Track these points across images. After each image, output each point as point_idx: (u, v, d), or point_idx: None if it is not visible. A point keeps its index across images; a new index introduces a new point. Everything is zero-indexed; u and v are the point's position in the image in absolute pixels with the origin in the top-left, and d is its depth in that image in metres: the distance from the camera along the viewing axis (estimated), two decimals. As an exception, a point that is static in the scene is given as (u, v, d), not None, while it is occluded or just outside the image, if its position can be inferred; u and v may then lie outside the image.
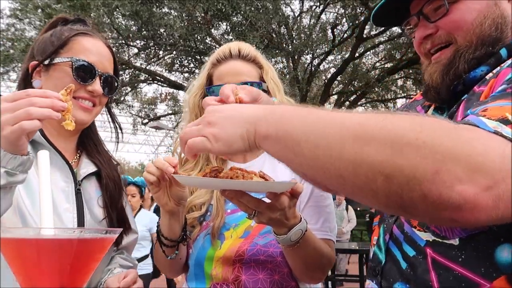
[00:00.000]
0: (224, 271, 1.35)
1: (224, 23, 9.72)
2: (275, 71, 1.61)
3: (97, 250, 0.68)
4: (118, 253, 1.49)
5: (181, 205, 1.29)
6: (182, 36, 8.90)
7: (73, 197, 1.31)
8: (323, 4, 10.35)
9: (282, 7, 9.72)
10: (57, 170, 1.30)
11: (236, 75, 1.49)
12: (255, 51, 1.58)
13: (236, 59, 1.52)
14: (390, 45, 11.89)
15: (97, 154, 1.45)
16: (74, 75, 1.29)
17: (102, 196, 1.40)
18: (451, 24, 1.02)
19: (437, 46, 1.06)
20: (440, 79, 1.04)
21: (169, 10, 9.20)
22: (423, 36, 1.07)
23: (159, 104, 14.58)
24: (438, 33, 1.05)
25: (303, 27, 10.24)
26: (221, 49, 1.56)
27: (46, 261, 0.62)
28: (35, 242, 0.63)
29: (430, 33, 1.06)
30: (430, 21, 1.06)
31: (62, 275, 0.62)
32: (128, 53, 10.71)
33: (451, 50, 1.03)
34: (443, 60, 1.05)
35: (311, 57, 11.13)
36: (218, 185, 1.08)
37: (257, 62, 1.55)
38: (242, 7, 8.44)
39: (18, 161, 0.98)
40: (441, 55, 1.06)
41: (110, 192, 1.41)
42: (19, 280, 0.63)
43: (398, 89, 13.57)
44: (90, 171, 1.39)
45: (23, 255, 0.62)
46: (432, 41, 1.07)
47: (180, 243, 1.35)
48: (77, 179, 1.34)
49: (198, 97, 1.54)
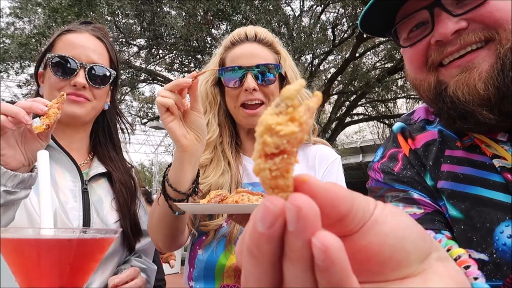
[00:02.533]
0: (236, 275, 1.32)
1: (224, 23, 9.71)
2: (292, 60, 1.52)
3: (97, 251, 0.68)
4: (135, 256, 1.49)
5: (200, 141, 1.14)
6: (183, 36, 8.89)
7: (79, 196, 1.32)
8: (323, 4, 10.35)
9: (282, 7, 9.72)
10: (65, 170, 1.33)
11: (251, 57, 1.38)
12: (272, 36, 1.49)
13: (252, 42, 1.43)
14: (390, 45, 11.87)
15: (108, 160, 1.45)
16: (52, 71, 1.30)
17: (115, 199, 1.41)
18: (494, 14, 0.75)
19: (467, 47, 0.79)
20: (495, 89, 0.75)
21: (170, 10, 9.20)
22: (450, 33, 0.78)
23: (159, 103, 14.57)
24: (470, 27, 0.78)
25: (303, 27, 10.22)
26: (236, 32, 1.46)
27: (46, 261, 0.61)
28: (35, 242, 0.63)
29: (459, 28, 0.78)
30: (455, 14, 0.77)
31: (62, 275, 0.62)
32: (128, 53, 10.71)
33: (492, 51, 0.77)
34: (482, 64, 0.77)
35: (311, 57, 11.12)
36: (222, 210, 1.06)
37: (274, 47, 1.46)
38: (242, 7, 8.44)
39: (18, 178, 0.97)
40: (474, 59, 0.78)
41: (123, 196, 1.41)
42: (19, 280, 0.63)
43: (398, 89, 13.56)
44: (99, 171, 1.40)
45: (23, 255, 0.62)
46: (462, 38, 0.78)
47: (190, 196, 1.17)
48: (84, 179, 1.36)
49: (210, 83, 1.47)
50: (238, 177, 1.44)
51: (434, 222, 0.87)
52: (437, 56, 0.83)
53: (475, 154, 0.85)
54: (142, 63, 11.13)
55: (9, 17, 9.82)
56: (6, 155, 0.95)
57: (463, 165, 0.86)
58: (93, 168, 1.41)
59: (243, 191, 1.00)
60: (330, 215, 0.30)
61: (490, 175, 0.82)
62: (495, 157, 0.82)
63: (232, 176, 1.41)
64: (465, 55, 0.79)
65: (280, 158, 0.29)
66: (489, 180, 0.82)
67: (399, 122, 1.07)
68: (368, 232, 0.31)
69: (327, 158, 1.48)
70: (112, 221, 1.37)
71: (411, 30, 0.89)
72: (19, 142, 0.98)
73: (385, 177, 0.98)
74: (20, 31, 9.62)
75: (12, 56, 9.15)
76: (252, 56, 1.39)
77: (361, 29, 0.97)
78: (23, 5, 9.26)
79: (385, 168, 0.99)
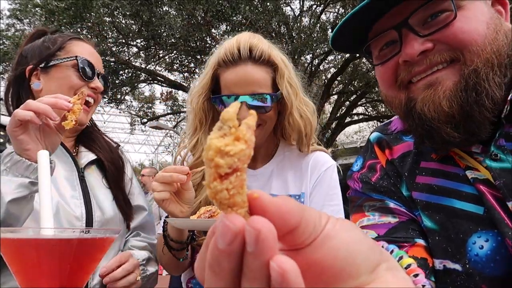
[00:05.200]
0: None
1: (224, 24, 9.72)
2: (291, 69, 1.42)
3: (97, 250, 0.68)
4: (133, 235, 1.52)
5: (191, 207, 1.26)
6: (182, 36, 8.90)
7: (78, 185, 1.36)
8: (323, 4, 10.35)
9: (282, 7, 9.72)
10: (60, 161, 1.35)
11: (246, 85, 1.31)
12: (268, 48, 1.36)
13: (246, 62, 1.31)
14: (390, 45, 11.87)
15: (92, 143, 1.50)
16: (81, 72, 1.38)
17: (105, 177, 1.46)
18: (459, 35, 0.77)
19: (434, 67, 0.81)
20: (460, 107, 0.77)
21: (169, 9, 9.20)
22: (416, 53, 0.80)
23: (159, 104, 14.59)
24: (437, 48, 0.80)
25: (303, 26, 10.23)
26: (229, 48, 1.34)
27: (46, 261, 0.61)
28: (35, 242, 0.63)
29: (424, 49, 0.80)
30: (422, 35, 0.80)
31: (62, 275, 0.62)
32: (128, 53, 10.72)
33: (456, 70, 0.78)
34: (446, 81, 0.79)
35: (311, 57, 11.13)
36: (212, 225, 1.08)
37: (271, 62, 1.35)
38: (241, 7, 8.44)
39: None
40: (439, 76, 0.80)
41: (111, 172, 1.46)
42: (19, 280, 0.63)
43: (398, 89, 13.51)
44: (91, 159, 1.44)
45: (23, 255, 0.62)
46: (429, 59, 0.80)
47: (189, 244, 1.33)
48: (79, 167, 1.40)
49: (202, 98, 1.39)
50: None
51: (408, 231, 0.89)
52: (406, 75, 0.85)
53: (449, 166, 0.87)
54: (142, 63, 11.14)
55: (9, 19, 9.84)
56: (30, 149, 1.02)
57: (438, 176, 0.88)
58: (83, 156, 1.45)
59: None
60: (281, 229, 0.32)
61: (463, 187, 0.83)
62: (468, 168, 0.83)
63: None
64: (432, 74, 0.81)
65: (235, 176, 0.31)
66: (462, 192, 0.83)
67: (376, 132, 1.09)
68: (321, 246, 0.33)
69: (320, 167, 1.45)
70: (108, 203, 1.40)
71: (382, 48, 0.90)
72: (38, 136, 1.05)
73: (363, 186, 1.00)
74: (20, 32, 9.63)
75: (12, 57, 9.15)
76: (246, 83, 1.31)
77: (333, 47, 0.98)
78: (23, 6, 9.27)
79: (364, 178, 1.01)
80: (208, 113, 1.42)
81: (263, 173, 1.47)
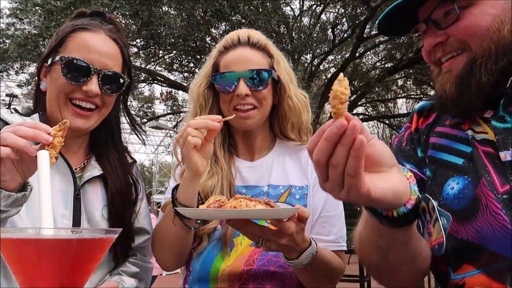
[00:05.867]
0: (230, 278, 1.31)
1: (223, 23, 9.72)
2: (287, 62, 1.52)
3: (97, 250, 0.68)
4: (130, 254, 1.41)
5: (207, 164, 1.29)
6: (181, 36, 8.89)
7: (71, 202, 1.27)
8: (323, 4, 10.36)
9: (281, 7, 9.72)
10: (57, 173, 1.27)
11: (243, 62, 1.39)
12: (265, 39, 1.48)
13: (245, 46, 1.43)
14: (390, 45, 11.90)
15: (106, 162, 1.37)
16: (64, 74, 1.21)
17: (107, 207, 1.33)
18: (463, 30, 0.96)
19: (448, 54, 1.00)
20: (456, 90, 0.98)
21: (168, 9, 9.20)
22: (432, 44, 1.01)
23: (159, 103, 14.59)
24: (449, 40, 0.99)
25: (303, 26, 10.24)
26: (229, 36, 1.47)
27: (46, 261, 0.61)
28: (35, 242, 0.63)
29: (440, 41, 1.00)
30: (440, 28, 1.00)
31: (62, 275, 0.62)
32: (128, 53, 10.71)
33: (465, 58, 0.97)
34: (455, 69, 0.99)
35: (311, 57, 11.14)
36: (221, 215, 1.08)
37: (267, 50, 1.46)
38: (240, 7, 8.44)
39: (12, 198, 0.97)
40: (452, 64, 1.00)
41: (115, 206, 1.33)
42: (19, 280, 0.63)
43: (398, 89, 13.59)
44: (94, 174, 1.33)
45: (23, 255, 0.62)
46: (443, 49, 1.01)
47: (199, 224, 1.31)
48: (78, 184, 1.30)
49: (202, 87, 1.46)
50: (230, 179, 1.43)
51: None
52: (433, 57, 1.06)
53: (456, 130, 1.06)
54: (142, 63, 11.14)
55: (9, 18, 9.83)
56: (6, 180, 0.95)
57: (442, 137, 1.08)
58: (89, 169, 1.33)
59: (241, 197, 1.02)
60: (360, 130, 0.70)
61: (459, 145, 1.03)
62: (470, 130, 1.01)
63: (223, 178, 1.41)
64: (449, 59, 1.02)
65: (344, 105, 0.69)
66: (453, 148, 1.04)
67: (424, 101, 1.25)
68: (371, 146, 0.72)
69: None
70: (105, 225, 1.31)
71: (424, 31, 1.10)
72: (16, 164, 0.96)
73: (396, 147, 1.23)
74: (20, 31, 9.61)
75: (12, 56, 9.15)
76: (244, 61, 1.39)
77: (380, 31, 1.18)
78: (23, 6, 9.26)
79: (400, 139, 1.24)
80: (207, 100, 1.47)
81: (261, 165, 1.48)
